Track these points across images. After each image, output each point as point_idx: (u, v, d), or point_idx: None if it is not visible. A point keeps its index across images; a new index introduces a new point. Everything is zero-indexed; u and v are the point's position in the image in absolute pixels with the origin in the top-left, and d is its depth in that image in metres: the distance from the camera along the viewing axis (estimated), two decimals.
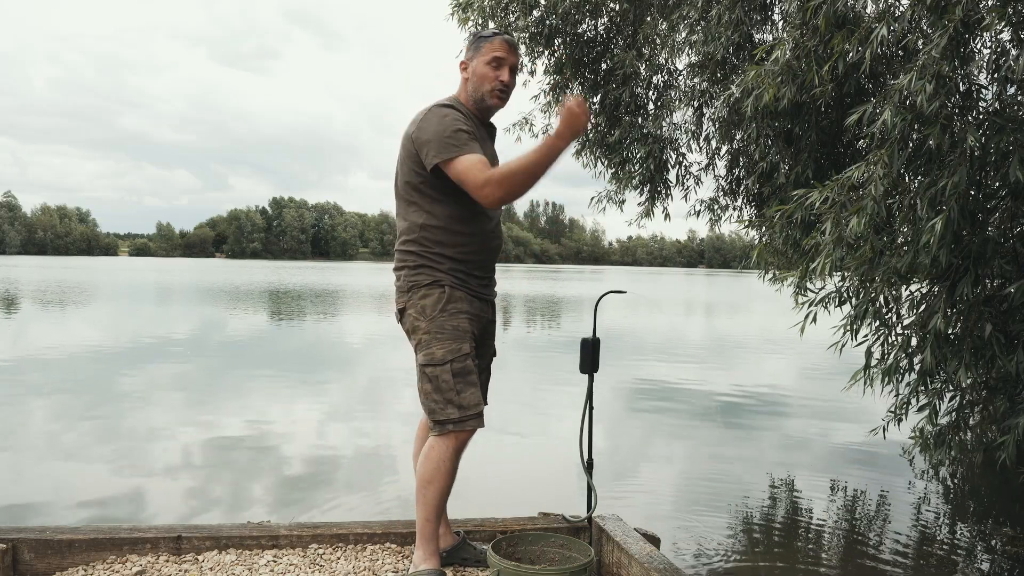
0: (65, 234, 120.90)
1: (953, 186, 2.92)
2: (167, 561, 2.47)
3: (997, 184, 3.39)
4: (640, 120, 6.57)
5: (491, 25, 6.76)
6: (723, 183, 6.47)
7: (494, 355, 2.61)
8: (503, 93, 2.38)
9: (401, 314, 2.39)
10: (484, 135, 2.42)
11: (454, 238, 2.31)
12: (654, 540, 2.68)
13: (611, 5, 6.77)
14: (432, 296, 2.30)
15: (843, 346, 3.81)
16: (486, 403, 2.59)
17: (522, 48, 6.85)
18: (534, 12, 6.54)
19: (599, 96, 6.85)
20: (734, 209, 6.54)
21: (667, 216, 7.05)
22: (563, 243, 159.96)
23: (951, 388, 3.78)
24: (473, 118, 2.38)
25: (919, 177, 3.37)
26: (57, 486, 4.59)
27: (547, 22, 6.51)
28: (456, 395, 2.25)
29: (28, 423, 6.22)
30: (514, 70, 2.40)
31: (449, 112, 2.30)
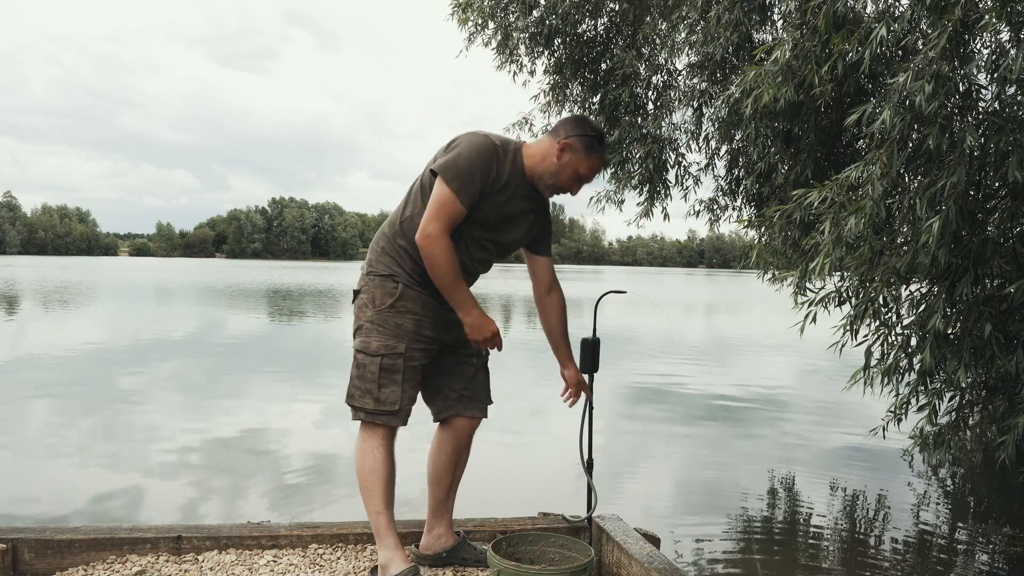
0: (65, 234, 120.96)
1: (952, 186, 2.92)
2: (167, 561, 2.47)
3: (997, 184, 3.39)
4: (639, 120, 6.57)
5: (491, 25, 6.77)
6: (722, 183, 6.48)
7: (488, 353, 2.52)
8: (558, 194, 2.42)
9: (355, 295, 2.40)
10: (521, 192, 2.35)
11: None
12: (654, 540, 2.68)
13: (611, 5, 6.78)
14: (385, 288, 2.31)
15: (843, 346, 3.81)
16: (491, 402, 2.57)
17: (521, 48, 6.85)
18: (534, 12, 6.55)
19: (599, 96, 6.86)
20: (733, 209, 6.55)
21: (666, 216, 7.05)
22: (563, 243, 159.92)
23: (951, 388, 3.78)
24: (521, 172, 2.34)
25: (918, 177, 3.37)
26: (57, 486, 4.60)
27: (547, 22, 6.51)
28: (376, 388, 2.28)
29: (28, 423, 6.22)
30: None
31: (487, 147, 2.24)
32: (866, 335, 3.85)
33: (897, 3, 3.38)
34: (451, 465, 2.52)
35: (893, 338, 3.79)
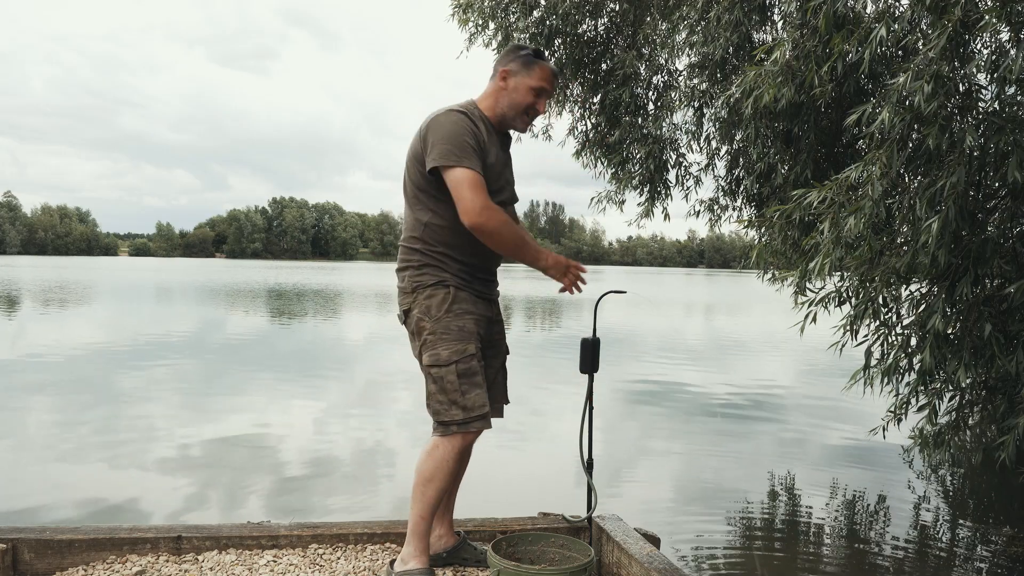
0: (65, 234, 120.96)
1: (952, 186, 2.92)
2: (167, 561, 2.47)
3: (997, 184, 3.39)
4: (640, 120, 6.58)
5: (491, 26, 6.77)
6: (723, 183, 6.48)
7: (507, 353, 2.59)
8: (532, 123, 2.43)
9: (406, 315, 2.36)
10: (496, 141, 2.40)
11: (460, 239, 2.29)
12: (654, 540, 2.68)
13: (611, 5, 6.78)
14: (438, 296, 2.29)
15: (843, 346, 3.81)
16: (508, 401, 2.59)
17: None
18: (534, 13, 6.55)
19: (599, 96, 6.86)
20: (734, 209, 6.55)
21: (667, 216, 7.06)
22: (563, 243, 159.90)
23: (951, 388, 3.78)
24: (489, 125, 2.38)
25: (918, 177, 3.37)
26: (57, 486, 4.60)
27: (547, 23, 6.52)
28: (461, 396, 2.23)
29: (28, 423, 6.22)
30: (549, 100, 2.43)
31: (461, 119, 2.28)
32: (866, 335, 3.85)
33: (897, 3, 3.38)
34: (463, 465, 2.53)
35: (893, 338, 3.79)
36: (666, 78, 6.64)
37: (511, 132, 2.52)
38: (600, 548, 2.67)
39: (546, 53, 6.65)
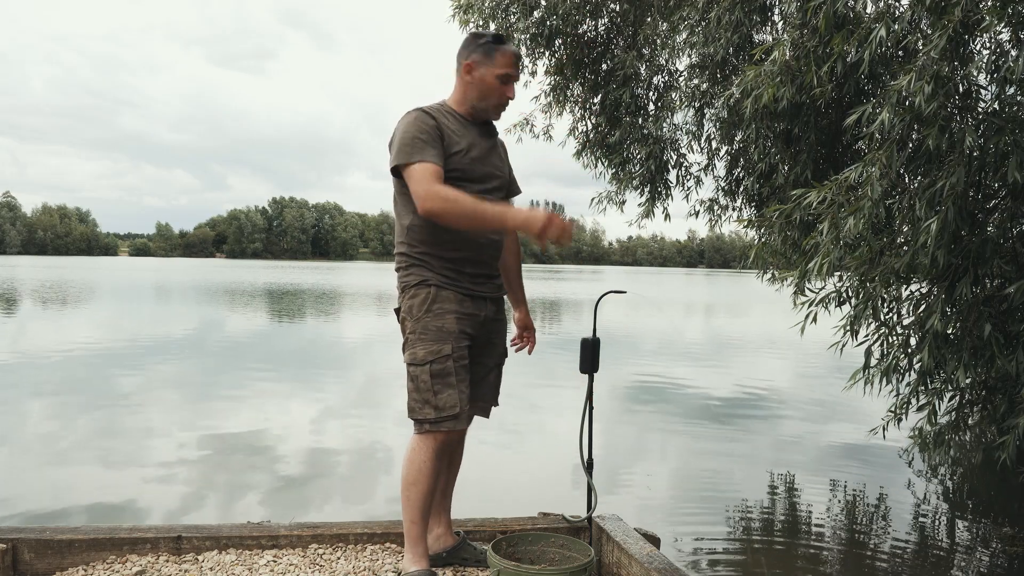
0: (65, 234, 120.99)
1: (951, 187, 2.93)
2: (167, 561, 2.47)
3: (996, 184, 3.39)
4: (641, 121, 6.58)
5: (491, 27, 6.77)
6: (723, 183, 6.48)
7: (504, 355, 2.59)
8: (504, 108, 2.43)
9: (397, 314, 2.43)
10: (473, 132, 2.39)
11: (441, 235, 2.31)
12: (654, 540, 2.68)
13: (611, 6, 6.78)
14: (419, 296, 2.33)
15: (843, 346, 3.81)
16: (496, 404, 2.59)
17: (522, 49, 6.86)
18: (535, 13, 6.55)
19: (599, 96, 6.86)
20: (734, 209, 6.56)
21: (667, 216, 7.06)
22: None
23: (951, 388, 3.78)
24: (460, 119, 2.38)
25: (918, 177, 3.37)
26: (57, 486, 4.60)
27: (548, 23, 6.52)
28: (433, 396, 2.26)
29: (28, 423, 6.22)
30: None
31: (416, 116, 2.30)
32: (866, 335, 3.85)
33: (897, 3, 3.38)
34: (445, 464, 2.53)
35: (893, 338, 3.79)
36: (666, 78, 6.65)
37: (495, 125, 2.53)
38: (600, 548, 2.67)
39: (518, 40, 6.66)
